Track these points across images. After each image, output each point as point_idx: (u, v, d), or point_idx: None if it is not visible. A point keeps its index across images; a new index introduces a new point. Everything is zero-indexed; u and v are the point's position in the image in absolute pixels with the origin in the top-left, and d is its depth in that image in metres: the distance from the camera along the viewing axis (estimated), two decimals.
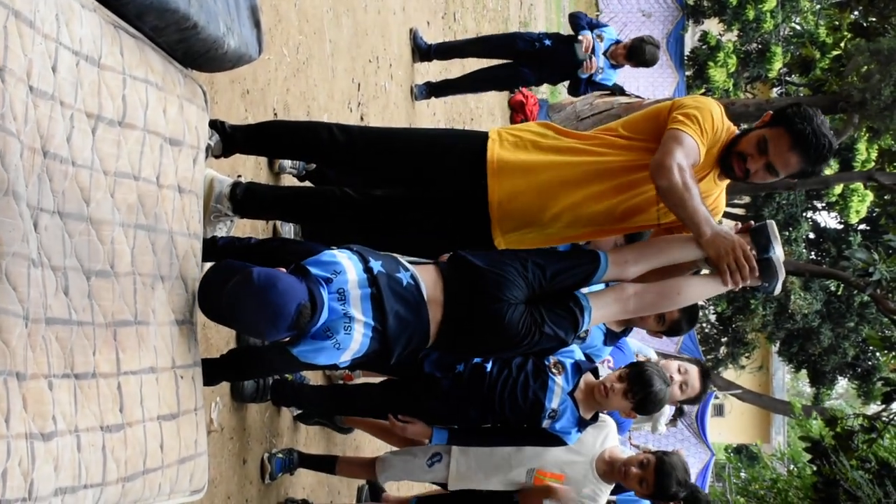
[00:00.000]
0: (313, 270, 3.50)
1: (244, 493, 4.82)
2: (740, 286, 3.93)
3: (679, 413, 21.14)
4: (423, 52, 8.97)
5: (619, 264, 4.04)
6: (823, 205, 27.69)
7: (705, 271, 4.25)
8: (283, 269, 3.41)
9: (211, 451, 3.97)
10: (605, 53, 9.38)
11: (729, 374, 30.89)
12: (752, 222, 4.10)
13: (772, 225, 3.99)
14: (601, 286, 4.23)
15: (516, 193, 4.03)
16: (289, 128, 4.27)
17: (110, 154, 3.08)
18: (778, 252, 3.96)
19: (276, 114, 5.25)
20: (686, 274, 4.21)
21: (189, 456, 3.48)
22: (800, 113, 3.97)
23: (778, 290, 4.03)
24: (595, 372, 5.08)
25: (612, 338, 5.70)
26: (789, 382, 40.82)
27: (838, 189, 24.81)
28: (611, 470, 5.07)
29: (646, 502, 5.41)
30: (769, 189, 18.64)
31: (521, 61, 9.18)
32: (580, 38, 9.15)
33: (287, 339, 3.49)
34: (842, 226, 28.09)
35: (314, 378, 5.58)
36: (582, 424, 4.96)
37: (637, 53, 9.34)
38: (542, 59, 9.16)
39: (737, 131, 4.13)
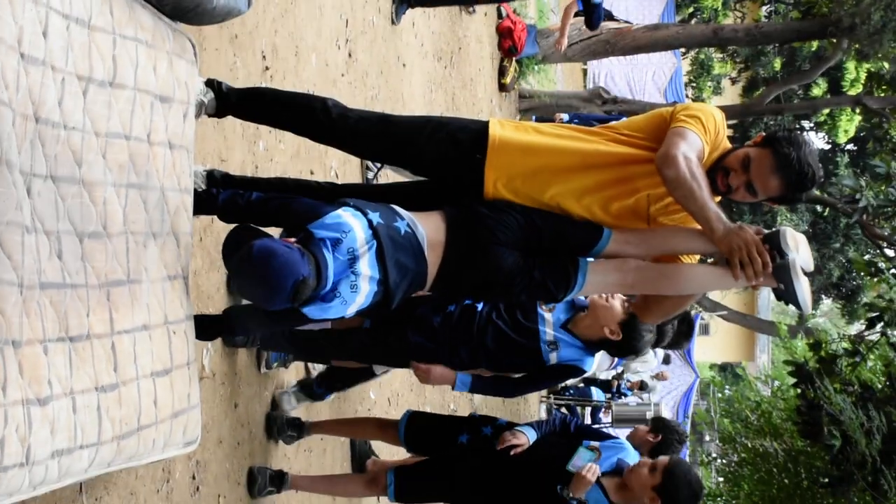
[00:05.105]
0: (321, 234, 3.55)
1: (235, 436, 4.89)
2: (752, 283, 3.83)
3: (666, 361, 21.39)
4: None
5: (620, 243, 4.02)
6: (811, 125, 27.61)
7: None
8: (292, 239, 3.47)
9: (202, 396, 4.03)
10: None
11: (715, 294, 31.06)
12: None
13: (785, 232, 3.88)
14: None
15: (513, 175, 4.00)
16: (281, 99, 4.24)
17: (101, 115, 3.09)
18: (799, 259, 3.87)
19: (264, 56, 5.23)
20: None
21: (182, 410, 3.52)
22: (789, 138, 3.95)
23: (807, 306, 3.89)
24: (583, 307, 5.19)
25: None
26: (774, 302, 41.01)
27: (827, 109, 24.73)
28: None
29: (628, 448, 5.45)
30: (757, 114, 18.57)
31: None
32: None
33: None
34: (829, 146, 28.06)
35: None
36: (591, 346, 5.06)
37: None
38: None
39: (730, 147, 4.10)
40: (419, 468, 5.43)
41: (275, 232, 3.94)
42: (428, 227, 3.87)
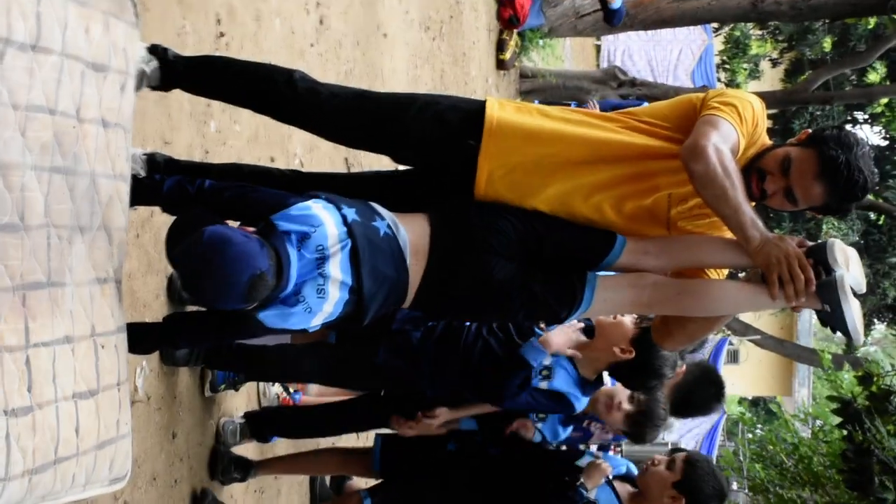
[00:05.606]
0: (285, 226, 3.53)
1: (172, 472, 4.85)
2: (792, 304, 3.77)
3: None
4: None
5: (636, 252, 3.97)
6: (866, 117, 27.59)
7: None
8: (251, 228, 3.43)
9: (135, 424, 4.01)
10: None
11: (747, 315, 31.06)
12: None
13: (834, 245, 3.82)
14: None
15: (512, 166, 3.95)
16: (238, 68, 4.19)
17: (21, 84, 3.04)
18: (849, 277, 3.79)
19: (219, 20, 5.21)
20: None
21: (109, 440, 3.47)
22: (838, 137, 3.89)
23: (857, 333, 3.82)
24: (589, 332, 5.16)
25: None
26: (817, 326, 41.04)
27: (885, 98, 24.74)
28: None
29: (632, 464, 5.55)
30: (801, 102, 18.57)
31: None
32: None
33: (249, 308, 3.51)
34: (887, 142, 28.06)
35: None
36: (586, 386, 5.05)
37: None
38: None
39: (769, 144, 4.05)
40: (400, 478, 5.44)
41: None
42: (410, 231, 3.84)
